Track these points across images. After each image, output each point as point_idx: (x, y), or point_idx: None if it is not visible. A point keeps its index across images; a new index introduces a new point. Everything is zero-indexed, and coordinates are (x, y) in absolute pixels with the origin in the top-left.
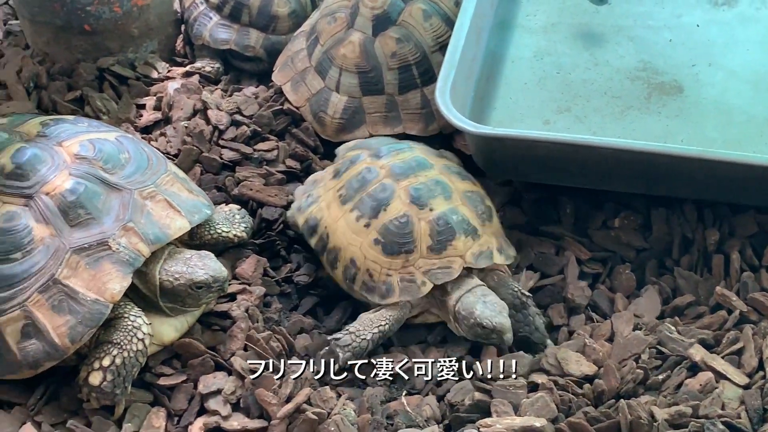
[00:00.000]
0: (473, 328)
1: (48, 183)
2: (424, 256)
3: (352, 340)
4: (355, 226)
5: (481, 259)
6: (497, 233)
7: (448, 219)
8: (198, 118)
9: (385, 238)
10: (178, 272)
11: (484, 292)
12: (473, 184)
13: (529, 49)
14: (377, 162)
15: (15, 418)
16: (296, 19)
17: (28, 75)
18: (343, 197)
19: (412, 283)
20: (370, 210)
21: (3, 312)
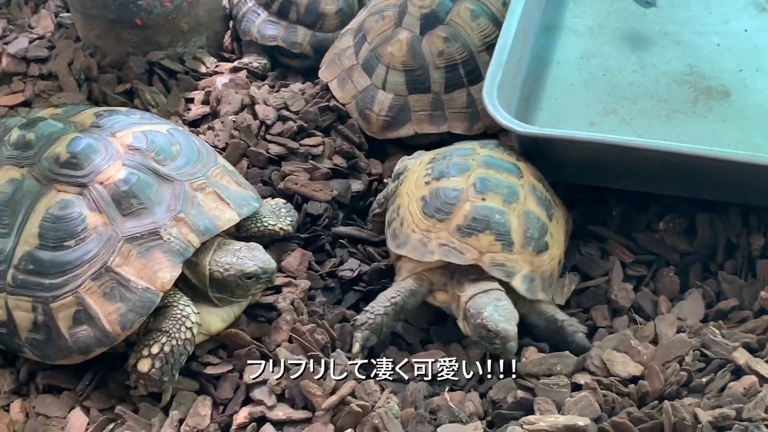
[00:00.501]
0: (478, 329)
1: (102, 172)
2: (449, 231)
3: (367, 318)
4: (420, 181)
5: (496, 268)
6: (538, 268)
7: (489, 214)
8: (246, 112)
9: (431, 198)
10: (228, 263)
11: (498, 297)
12: (546, 216)
13: (576, 51)
14: (479, 149)
15: (64, 403)
16: (343, 17)
17: (79, 67)
18: (433, 159)
19: (425, 246)
20: (438, 173)
21: (56, 298)
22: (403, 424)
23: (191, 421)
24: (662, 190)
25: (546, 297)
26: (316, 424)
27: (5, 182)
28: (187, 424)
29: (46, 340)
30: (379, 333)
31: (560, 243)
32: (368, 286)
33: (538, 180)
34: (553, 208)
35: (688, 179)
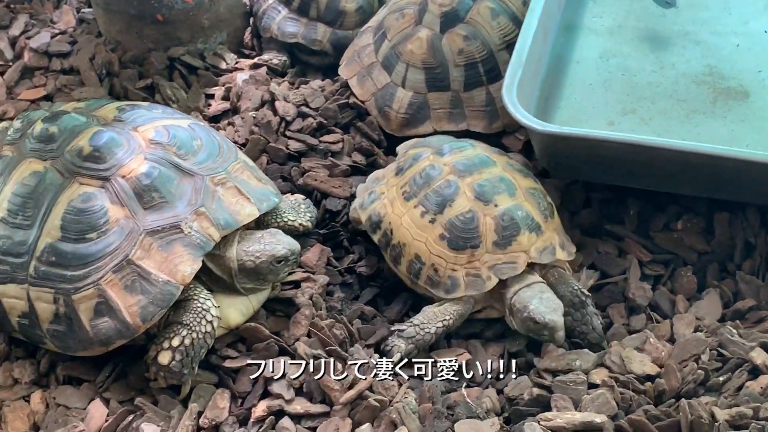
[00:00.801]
0: (526, 322)
1: (124, 166)
2: (489, 251)
3: (416, 332)
4: (420, 222)
5: (544, 254)
6: (558, 230)
7: (513, 215)
8: (266, 109)
9: (451, 233)
10: (258, 251)
11: (542, 289)
12: (534, 181)
13: (595, 51)
14: (440, 159)
15: (84, 394)
16: (363, 15)
17: (100, 62)
18: (407, 194)
19: (478, 277)
20: (435, 206)
21: (77, 290)
22: (421, 419)
23: (210, 414)
24: (680, 190)
25: (574, 248)
26: (334, 418)
27: (28, 175)
28: (206, 416)
29: (67, 331)
30: (422, 348)
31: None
32: (386, 282)
33: (499, 154)
34: (526, 169)
35: (706, 179)
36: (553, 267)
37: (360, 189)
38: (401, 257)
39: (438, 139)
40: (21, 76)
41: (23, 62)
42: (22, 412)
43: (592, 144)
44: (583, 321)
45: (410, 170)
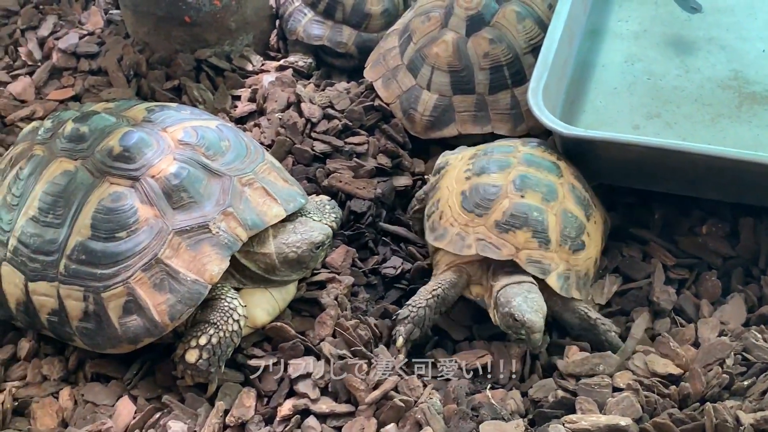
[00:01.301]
0: (505, 318)
1: (153, 166)
2: (486, 226)
3: (410, 311)
4: (460, 176)
5: (532, 265)
6: (574, 267)
7: (527, 211)
8: (292, 110)
9: (471, 194)
10: (298, 240)
11: (529, 289)
12: (584, 216)
13: (620, 55)
14: (520, 146)
15: (112, 392)
16: (388, 18)
17: (128, 63)
18: (475, 155)
19: (463, 240)
20: (478, 169)
21: (107, 288)
22: (445, 419)
23: (236, 412)
24: (705, 194)
25: (580, 296)
26: (359, 417)
27: (59, 174)
28: (232, 414)
29: (96, 329)
30: (422, 326)
31: (597, 243)
32: (410, 284)
33: (577, 180)
34: (591, 209)
35: (731, 183)
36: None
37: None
38: (431, 199)
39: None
40: (49, 77)
41: (52, 63)
42: (50, 409)
43: (617, 148)
44: (597, 340)
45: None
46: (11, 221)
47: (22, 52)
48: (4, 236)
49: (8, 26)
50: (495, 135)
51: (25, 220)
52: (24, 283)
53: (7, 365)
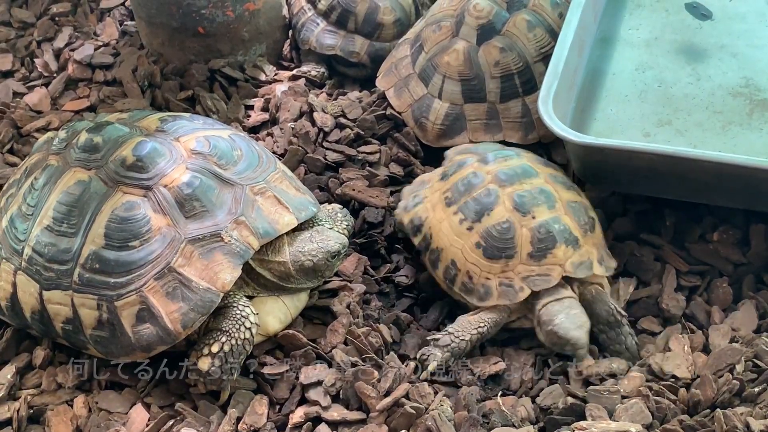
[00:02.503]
0: (550, 336)
1: (166, 176)
2: (523, 263)
3: (452, 341)
4: (458, 229)
5: (580, 269)
6: (598, 244)
7: (549, 227)
8: (304, 119)
9: (487, 242)
10: (314, 249)
11: (571, 305)
12: (578, 194)
13: (631, 63)
14: (484, 167)
15: (125, 399)
16: (400, 27)
17: (143, 74)
18: (448, 199)
19: (510, 288)
20: (474, 214)
21: (120, 296)
22: (456, 426)
23: (248, 420)
24: (716, 202)
25: (614, 263)
26: (371, 425)
27: (73, 183)
28: (245, 422)
29: (110, 337)
30: (459, 357)
31: (589, 205)
32: (420, 293)
33: (546, 165)
34: (570, 182)
35: (742, 191)
36: (591, 284)
37: (405, 191)
38: (439, 262)
39: (485, 147)
40: (65, 88)
41: (67, 74)
42: (65, 416)
43: (628, 155)
44: (617, 341)
45: (454, 176)
46: (26, 231)
47: (38, 63)
48: (19, 245)
49: (24, 38)
50: (506, 143)
51: (40, 229)
52: (39, 291)
53: (23, 373)
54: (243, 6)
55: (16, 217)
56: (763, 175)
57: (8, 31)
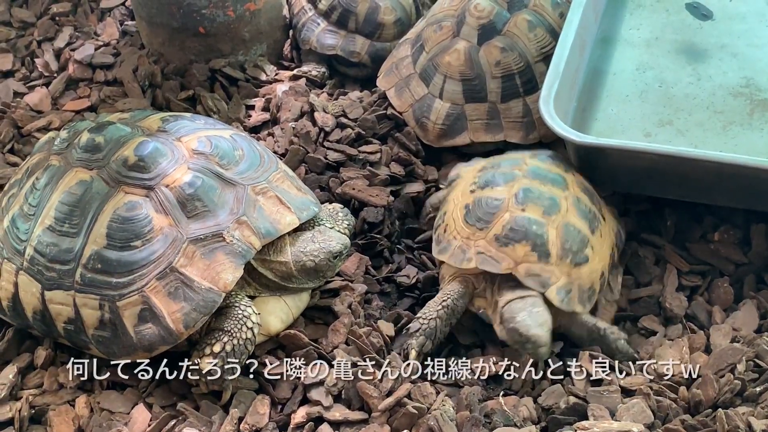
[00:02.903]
0: (511, 333)
1: (168, 176)
2: (487, 240)
3: (421, 324)
4: (466, 189)
5: (530, 279)
6: (576, 280)
7: (527, 225)
8: (305, 119)
9: (474, 207)
10: (316, 249)
11: (534, 303)
12: (589, 229)
13: (632, 63)
14: (528, 159)
15: (127, 399)
16: (401, 27)
17: (143, 74)
18: (484, 167)
19: (464, 253)
20: (483, 182)
21: (122, 296)
22: (458, 426)
23: (250, 420)
24: (717, 201)
25: (584, 310)
26: (373, 425)
27: (75, 184)
28: (247, 422)
29: (111, 337)
30: (434, 337)
31: (604, 257)
32: (422, 293)
33: (584, 192)
34: (597, 221)
35: (743, 191)
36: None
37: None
38: (440, 211)
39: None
40: (66, 88)
41: (68, 74)
42: (67, 416)
43: (628, 155)
44: (608, 350)
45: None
46: (28, 231)
47: (39, 63)
48: (21, 246)
49: (25, 38)
50: (507, 143)
51: (42, 229)
52: (40, 291)
53: (24, 373)
54: (244, 6)
55: (17, 217)
56: (764, 175)
57: (8, 31)
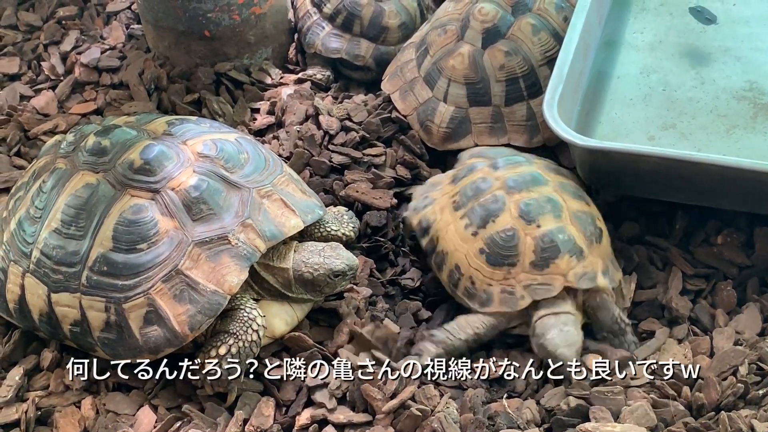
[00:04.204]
0: (539, 348)
1: (174, 179)
2: (526, 271)
3: (447, 338)
4: (464, 234)
5: (583, 280)
6: (604, 255)
7: (553, 237)
8: (310, 123)
9: (490, 248)
10: (317, 263)
11: (566, 321)
12: (587, 204)
13: (636, 66)
14: (493, 173)
15: (133, 401)
16: (405, 31)
17: (149, 77)
18: (456, 203)
19: (512, 295)
20: (480, 219)
21: (128, 299)
22: (462, 428)
23: (255, 421)
24: (720, 205)
25: (620, 274)
26: (377, 427)
27: (81, 187)
28: (251, 423)
29: (117, 339)
30: (451, 355)
31: (601, 218)
32: (426, 296)
33: (558, 173)
34: (580, 191)
35: (746, 194)
36: (596, 291)
37: (417, 192)
38: (444, 265)
39: (497, 151)
40: (72, 91)
41: (74, 77)
42: (73, 418)
43: (632, 158)
44: (619, 345)
45: (463, 180)
46: (34, 233)
47: (45, 66)
48: (27, 248)
49: (31, 41)
50: (511, 146)
51: (48, 232)
52: (47, 294)
53: (30, 375)
54: (249, 10)
55: (24, 219)
56: (766, 178)
57: (15, 35)
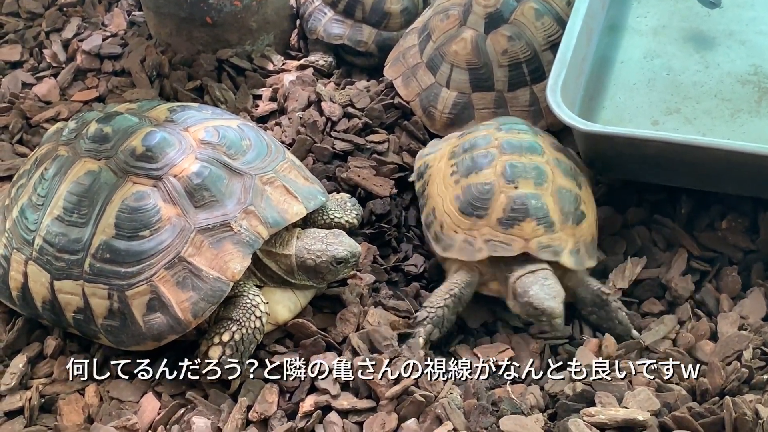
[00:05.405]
0: (525, 307)
1: (176, 166)
2: (491, 226)
3: (428, 313)
4: (448, 180)
5: (544, 251)
6: (581, 238)
7: (525, 201)
8: (312, 109)
9: (465, 197)
10: (320, 250)
11: (545, 276)
12: (577, 186)
13: (639, 51)
14: (496, 133)
15: (137, 388)
16: (408, 16)
17: (151, 64)
18: (453, 153)
19: (471, 246)
20: (465, 169)
21: (131, 286)
22: (466, 414)
23: (259, 408)
24: (725, 189)
25: (593, 263)
26: (380, 413)
27: (83, 174)
28: (255, 410)
29: (120, 326)
30: (441, 326)
31: (593, 205)
32: (429, 282)
33: (559, 150)
34: (579, 176)
35: (751, 178)
36: (572, 272)
37: (431, 142)
38: (425, 207)
39: (510, 119)
40: (74, 78)
41: (76, 64)
42: (76, 405)
43: (636, 143)
44: (608, 318)
45: (468, 135)
46: (37, 221)
47: (47, 54)
48: (30, 236)
49: (33, 28)
50: None
51: (51, 219)
52: (50, 281)
53: (34, 363)
54: None
55: (26, 207)
56: None
57: (17, 22)
